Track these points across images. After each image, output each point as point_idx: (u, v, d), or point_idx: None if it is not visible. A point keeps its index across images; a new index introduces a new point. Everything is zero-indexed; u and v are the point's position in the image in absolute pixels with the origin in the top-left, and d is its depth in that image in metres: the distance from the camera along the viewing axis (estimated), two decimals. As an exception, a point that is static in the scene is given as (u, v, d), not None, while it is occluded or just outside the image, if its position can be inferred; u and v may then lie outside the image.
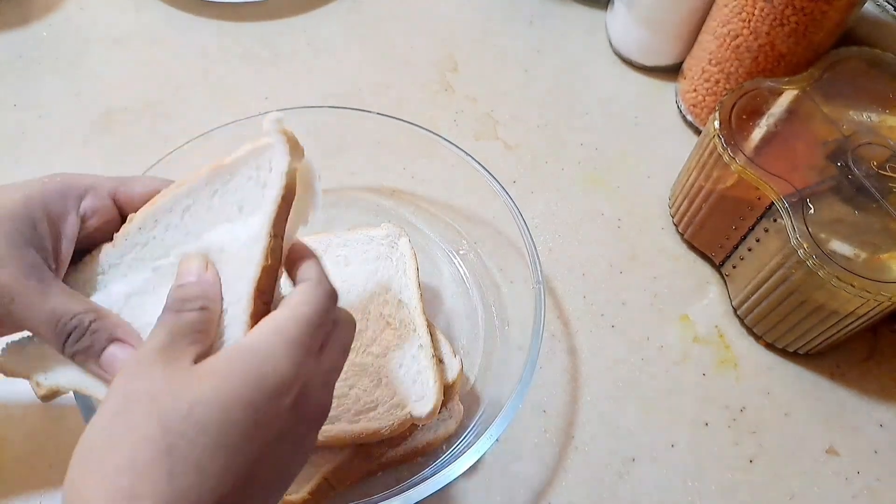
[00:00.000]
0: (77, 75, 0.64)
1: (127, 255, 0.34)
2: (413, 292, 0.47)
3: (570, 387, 0.51)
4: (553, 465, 0.47)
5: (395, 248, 0.50)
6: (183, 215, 0.34)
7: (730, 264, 0.54)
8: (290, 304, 0.30)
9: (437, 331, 0.48)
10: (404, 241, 0.50)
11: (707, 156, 0.52)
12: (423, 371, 0.44)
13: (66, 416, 0.46)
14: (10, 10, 0.68)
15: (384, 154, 0.58)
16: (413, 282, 0.48)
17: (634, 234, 0.58)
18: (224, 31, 0.69)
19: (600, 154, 0.63)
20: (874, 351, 0.54)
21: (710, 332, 0.54)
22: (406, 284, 0.48)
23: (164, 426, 0.25)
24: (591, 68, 0.70)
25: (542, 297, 0.46)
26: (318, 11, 0.71)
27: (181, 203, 0.34)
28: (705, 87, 0.61)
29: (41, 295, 0.32)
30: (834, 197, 0.48)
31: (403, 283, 0.48)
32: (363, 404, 0.43)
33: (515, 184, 0.60)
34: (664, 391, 0.51)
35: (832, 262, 0.44)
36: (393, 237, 0.50)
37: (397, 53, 0.69)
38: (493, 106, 0.66)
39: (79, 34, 0.67)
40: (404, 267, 0.49)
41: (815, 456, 0.49)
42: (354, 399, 0.43)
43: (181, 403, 0.26)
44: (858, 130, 0.51)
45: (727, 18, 0.56)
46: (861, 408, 0.51)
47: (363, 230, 0.51)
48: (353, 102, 0.63)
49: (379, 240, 0.50)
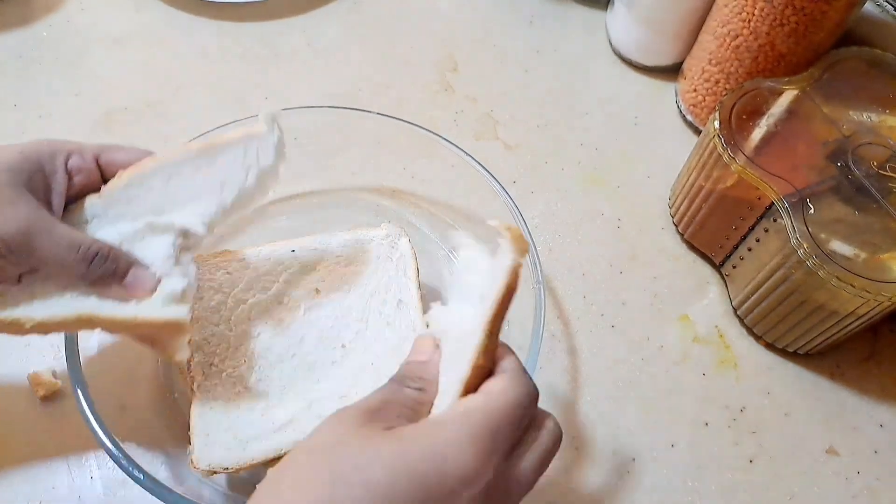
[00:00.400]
0: (77, 75, 0.64)
1: (111, 208, 0.38)
2: (413, 292, 0.47)
3: (570, 387, 0.51)
4: (554, 465, 0.47)
5: (395, 248, 0.50)
6: (168, 182, 0.38)
7: (730, 264, 0.54)
8: (486, 389, 0.30)
9: None
10: (404, 242, 0.50)
11: (707, 156, 0.52)
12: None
13: (67, 416, 0.46)
14: (10, 10, 0.68)
15: (384, 154, 0.58)
16: (413, 282, 0.48)
17: (634, 234, 0.58)
18: (224, 31, 0.69)
19: (600, 154, 0.63)
20: (874, 351, 0.54)
21: (710, 332, 0.54)
22: (406, 285, 0.48)
23: (334, 474, 0.26)
24: (591, 68, 0.70)
25: (542, 297, 0.46)
26: (318, 11, 0.71)
27: (167, 170, 0.38)
28: (705, 87, 0.61)
29: (57, 227, 0.35)
30: (834, 197, 0.48)
31: (403, 284, 0.48)
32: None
33: (515, 184, 0.60)
34: (664, 391, 0.51)
35: (832, 262, 0.44)
36: (393, 237, 0.50)
37: (397, 53, 0.69)
38: (493, 106, 0.66)
39: (79, 34, 0.67)
40: (404, 267, 0.49)
41: (815, 456, 0.49)
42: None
43: (359, 456, 0.26)
44: (858, 130, 0.51)
45: (727, 18, 0.56)
46: (861, 408, 0.51)
47: (363, 230, 0.51)
48: (353, 102, 0.63)
49: (379, 240, 0.50)
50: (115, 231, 0.38)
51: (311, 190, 0.57)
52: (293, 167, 0.41)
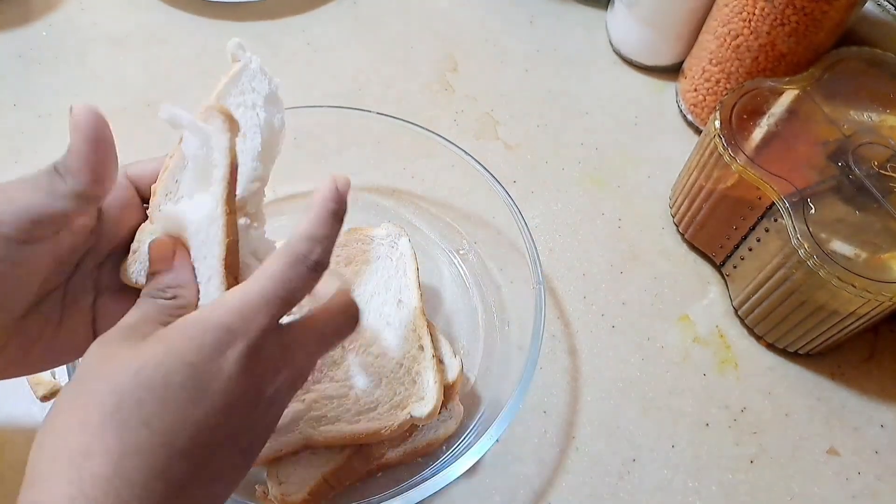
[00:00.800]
0: (77, 75, 0.64)
1: (159, 223, 0.34)
2: (413, 292, 0.47)
3: (570, 387, 0.50)
4: (554, 465, 0.47)
5: (396, 247, 0.50)
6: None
7: (730, 264, 0.54)
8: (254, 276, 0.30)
9: (438, 331, 0.47)
10: (404, 241, 0.50)
11: (708, 156, 0.51)
12: (423, 371, 0.43)
13: (66, 416, 0.46)
14: (10, 9, 0.68)
15: (384, 154, 0.58)
16: (413, 282, 0.48)
17: (635, 234, 0.58)
18: (224, 31, 0.68)
19: (600, 154, 0.63)
20: (875, 351, 0.54)
21: (711, 332, 0.54)
22: (406, 284, 0.48)
23: (113, 388, 0.26)
24: (591, 68, 0.70)
25: (543, 298, 0.46)
26: (317, 11, 0.71)
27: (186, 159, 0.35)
28: (706, 87, 0.61)
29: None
30: (835, 197, 0.47)
31: (403, 283, 0.48)
32: (363, 405, 0.43)
33: (516, 184, 0.60)
34: (665, 391, 0.51)
35: (833, 262, 0.44)
36: (393, 237, 0.50)
37: (397, 53, 0.69)
38: (493, 106, 0.66)
39: (79, 34, 0.67)
40: (404, 267, 0.49)
41: (816, 456, 0.49)
42: (354, 399, 0.43)
43: (130, 366, 0.27)
44: (859, 130, 0.51)
45: (728, 18, 0.56)
46: (862, 408, 0.51)
47: (363, 230, 0.51)
48: (353, 102, 0.63)
49: (379, 240, 0.50)
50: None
51: (311, 190, 0.57)
52: (293, 167, 0.41)
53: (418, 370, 0.44)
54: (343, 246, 0.50)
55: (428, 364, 0.44)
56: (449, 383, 0.44)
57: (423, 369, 0.43)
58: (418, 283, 0.48)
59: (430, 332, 0.46)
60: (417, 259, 0.49)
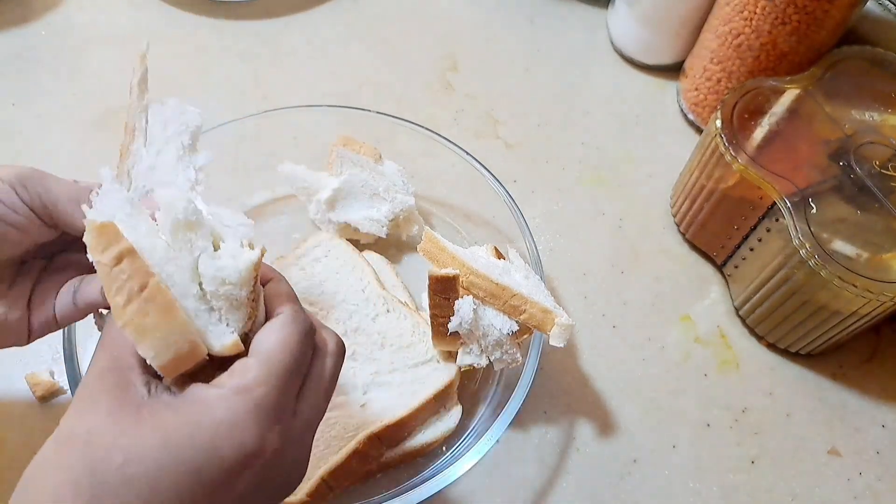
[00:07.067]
0: (76, 75, 0.64)
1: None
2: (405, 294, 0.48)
3: (570, 387, 0.50)
4: (554, 466, 0.47)
5: (329, 251, 0.51)
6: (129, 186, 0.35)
7: (731, 264, 0.54)
8: (260, 349, 0.27)
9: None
10: (331, 239, 0.52)
11: (709, 155, 0.51)
12: (416, 324, 0.46)
13: (65, 416, 0.46)
14: (9, 9, 0.67)
15: (384, 153, 0.58)
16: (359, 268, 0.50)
17: (636, 234, 0.58)
18: (224, 31, 0.68)
19: (601, 153, 0.63)
20: (876, 351, 0.54)
21: (712, 332, 0.54)
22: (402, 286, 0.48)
23: (93, 473, 0.23)
24: (591, 67, 0.69)
25: (543, 298, 0.46)
26: (317, 10, 0.71)
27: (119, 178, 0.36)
28: (707, 86, 0.61)
29: None
30: (836, 196, 0.47)
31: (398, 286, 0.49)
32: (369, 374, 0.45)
33: (516, 183, 0.60)
34: (665, 392, 0.51)
35: (834, 262, 0.44)
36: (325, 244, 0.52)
37: (397, 52, 0.69)
38: (494, 105, 0.65)
39: (78, 34, 0.67)
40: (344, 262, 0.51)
41: (817, 457, 0.49)
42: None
43: (116, 453, 0.24)
44: (860, 130, 0.50)
45: (729, 17, 0.56)
46: (863, 408, 0.51)
47: (290, 254, 0.52)
48: (353, 101, 0.63)
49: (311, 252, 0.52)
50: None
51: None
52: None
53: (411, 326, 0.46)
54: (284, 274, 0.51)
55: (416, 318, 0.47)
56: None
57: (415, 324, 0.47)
58: (366, 263, 0.50)
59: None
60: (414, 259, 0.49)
